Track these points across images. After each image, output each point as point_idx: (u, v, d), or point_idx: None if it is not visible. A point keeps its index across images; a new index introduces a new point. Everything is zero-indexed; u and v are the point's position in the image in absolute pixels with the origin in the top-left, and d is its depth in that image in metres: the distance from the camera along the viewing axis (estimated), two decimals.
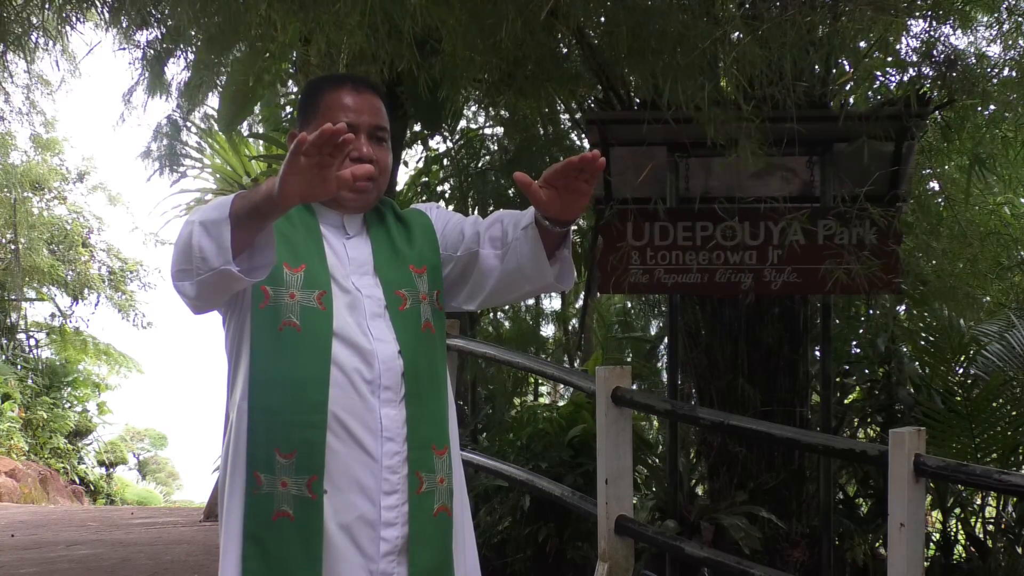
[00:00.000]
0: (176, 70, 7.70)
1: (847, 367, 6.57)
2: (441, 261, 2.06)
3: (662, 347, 8.75)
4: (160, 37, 6.44)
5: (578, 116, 7.54)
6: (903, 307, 7.22)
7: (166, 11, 5.58)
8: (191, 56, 6.93)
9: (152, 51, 6.79)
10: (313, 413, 1.86)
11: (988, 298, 7.30)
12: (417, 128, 8.36)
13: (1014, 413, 5.73)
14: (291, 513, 1.84)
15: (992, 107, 5.40)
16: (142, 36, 6.57)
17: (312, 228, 1.98)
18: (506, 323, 10.16)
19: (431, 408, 1.97)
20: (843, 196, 4.91)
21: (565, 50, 6.08)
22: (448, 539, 1.97)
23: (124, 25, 5.88)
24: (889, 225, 4.93)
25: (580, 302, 9.97)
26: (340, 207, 2.01)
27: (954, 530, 5.97)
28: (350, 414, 1.88)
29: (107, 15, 5.74)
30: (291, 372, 1.86)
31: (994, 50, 5.91)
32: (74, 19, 5.83)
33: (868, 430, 6.70)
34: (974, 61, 5.04)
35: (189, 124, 10.79)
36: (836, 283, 4.95)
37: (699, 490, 6.44)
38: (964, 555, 5.89)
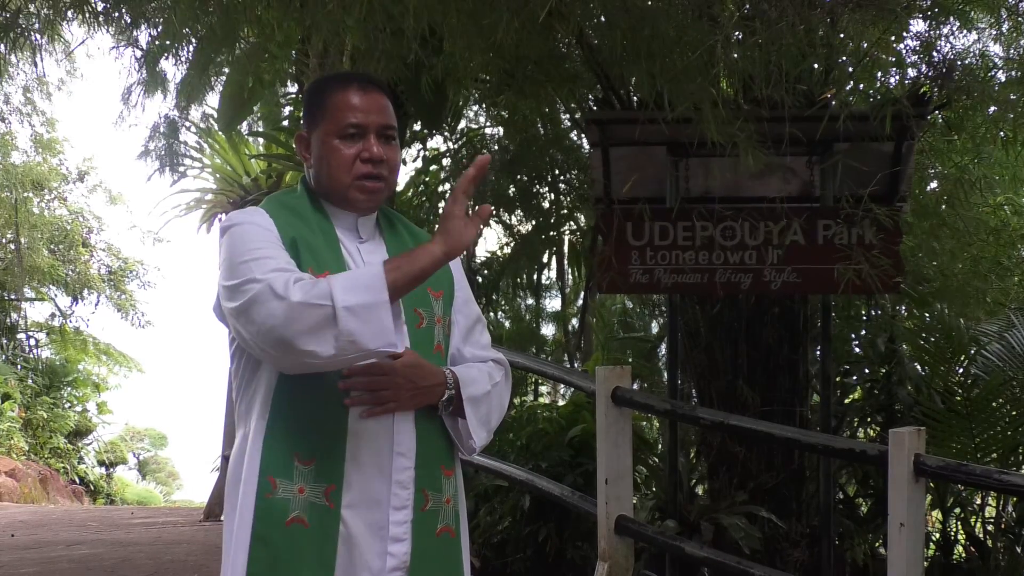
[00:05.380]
0: (173, 69, 7.67)
1: (847, 367, 6.57)
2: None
3: (662, 347, 8.75)
4: (156, 36, 6.42)
5: (578, 116, 7.54)
6: (903, 307, 7.22)
7: (160, 11, 5.57)
8: (188, 56, 6.92)
9: (148, 50, 6.77)
10: (335, 423, 1.86)
11: (989, 299, 7.30)
12: (417, 128, 8.36)
13: (1014, 413, 5.72)
14: (306, 520, 1.83)
15: (993, 107, 5.40)
16: (139, 35, 6.55)
17: (328, 233, 1.97)
18: (506, 323, 10.17)
19: (442, 429, 1.97)
20: (845, 197, 4.91)
21: (565, 50, 6.09)
22: (453, 562, 1.97)
23: (120, 24, 5.87)
24: (890, 225, 4.93)
25: (580, 302, 9.98)
26: (352, 208, 2.00)
27: (954, 530, 5.97)
28: (366, 426, 1.87)
29: (101, 15, 5.73)
30: (313, 380, 1.84)
31: (995, 49, 5.91)
32: (70, 18, 5.82)
33: (868, 430, 6.70)
34: (974, 61, 5.04)
35: (187, 123, 10.78)
36: (836, 283, 4.96)
37: (699, 490, 6.44)
38: (964, 555, 5.89)
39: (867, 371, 6.47)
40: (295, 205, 1.99)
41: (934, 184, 7.12)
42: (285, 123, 9.45)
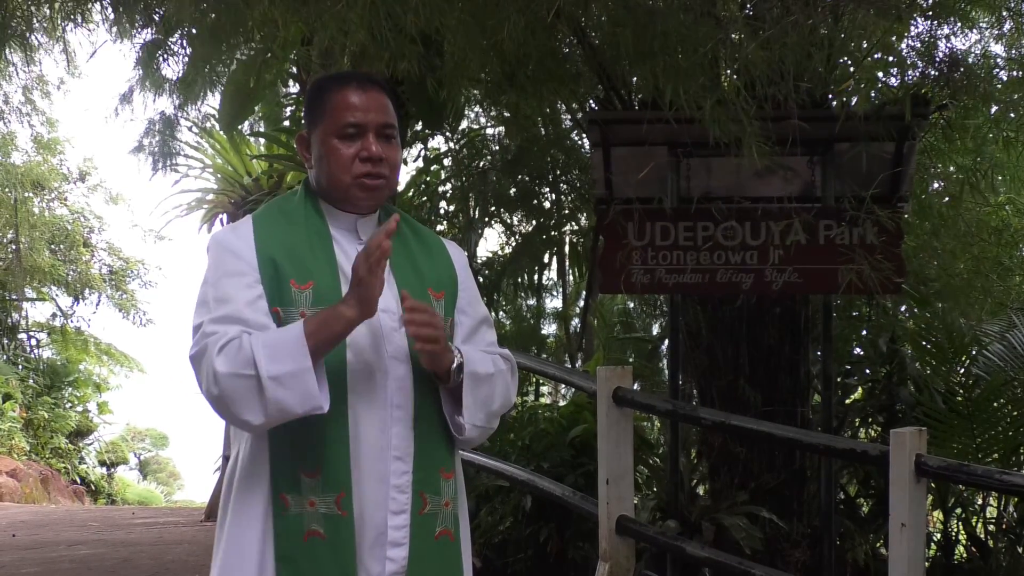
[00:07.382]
0: (175, 68, 7.65)
1: (848, 367, 6.56)
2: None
3: (663, 347, 8.75)
4: (159, 34, 6.42)
5: (579, 116, 7.54)
6: (904, 307, 7.22)
7: (163, 9, 5.57)
8: (189, 53, 6.91)
9: (150, 48, 6.76)
10: (336, 428, 1.85)
11: (990, 299, 7.30)
12: (418, 128, 8.36)
13: (1015, 413, 5.72)
14: (322, 532, 1.83)
15: (994, 108, 5.40)
16: (143, 33, 6.54)
17: (322, 234, 1.95)
18: (507, 323, 10.16)
19: (441, 431, 1.96)
20: (847, 197, 4.90)
21: (566, 50, 6.08)
22: (452, 565, 1.96)
23: (125, 23, 5.87)
24: (891, 225, 4.93)
25: (581, 302, 9.97)
26: (354, 208, 1.98)
27: (955, 530, 5.97)
28: (363, 430, 1.87)
29: (109, 14, 5.73)
30: None
31: (996, 49, 5.91)
32: (75, 18, 5.83)
33: (869, 430, 6.70)
34: (976, 61, 5.04)
35: (184, 119, 10.73)
36: (838, 283, 4.95)
37: (700, 490, 6.43)
38: (965, 555, 5.89)
39: (868, 371, 6.47)
40: (290, 210, 1.98)
41: (936, 184, 7.12)
42: (286, 123, 9.44)
